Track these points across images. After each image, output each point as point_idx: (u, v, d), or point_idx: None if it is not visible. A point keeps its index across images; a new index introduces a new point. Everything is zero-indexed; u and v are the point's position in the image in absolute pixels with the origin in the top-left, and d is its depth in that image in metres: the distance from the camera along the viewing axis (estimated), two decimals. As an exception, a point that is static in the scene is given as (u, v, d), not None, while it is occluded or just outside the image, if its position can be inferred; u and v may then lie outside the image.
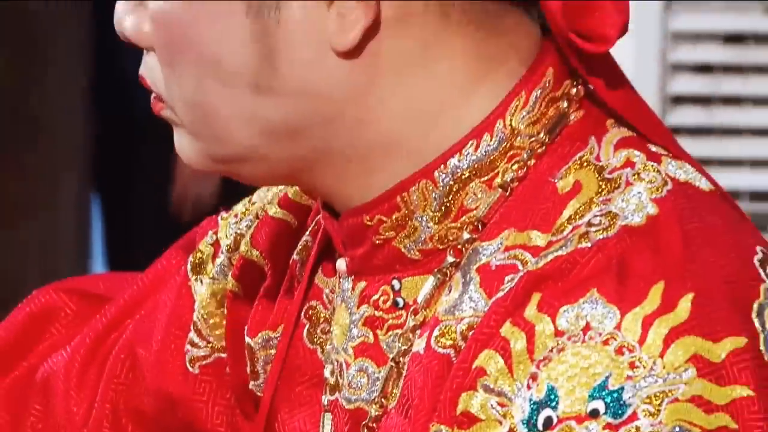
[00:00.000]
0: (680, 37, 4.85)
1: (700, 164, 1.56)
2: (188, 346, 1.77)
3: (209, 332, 1.78)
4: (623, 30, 1.47)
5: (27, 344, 1.94)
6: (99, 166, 6.31)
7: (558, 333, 1.37)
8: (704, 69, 4.88)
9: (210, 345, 1.77)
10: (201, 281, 1.78)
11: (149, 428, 1.84)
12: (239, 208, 1.76)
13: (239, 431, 1.78)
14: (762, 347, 1.36)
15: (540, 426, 1.34)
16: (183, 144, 1.54)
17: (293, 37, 1.48)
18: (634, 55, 4.58)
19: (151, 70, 1.53)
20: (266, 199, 1.75)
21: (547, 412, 1.35)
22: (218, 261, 1.76)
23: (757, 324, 1.37)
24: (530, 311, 1.39)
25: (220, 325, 1.77)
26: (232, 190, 3.64)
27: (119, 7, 1.53)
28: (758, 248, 1.41)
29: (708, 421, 1.32)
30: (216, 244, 1.77)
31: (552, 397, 1.36)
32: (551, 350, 1.37)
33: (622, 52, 4.32)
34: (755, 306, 1.38)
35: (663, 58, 4.80)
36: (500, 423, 1.36)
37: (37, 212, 5.57)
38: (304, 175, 1.55)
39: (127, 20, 1.51)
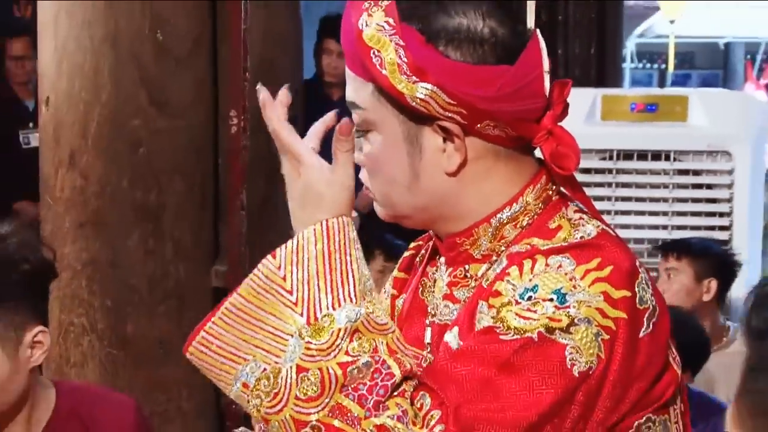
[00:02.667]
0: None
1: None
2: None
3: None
4: (577, 165, 1.59)
5: None
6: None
7: (547, 265, 1.52)
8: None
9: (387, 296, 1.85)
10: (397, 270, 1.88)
11: None
12: (412, 245, 1.86)
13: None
14: (636, 301, 1.51)
15: (525, 299, 1.49)
16: (378, 208, 1.67)
17: (426, 165, 1.59)
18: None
19: (365, 177, 1.65)
20: (403, 255, 1.86)
21: (530, 293, 1.50)
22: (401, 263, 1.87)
23: (636, 290, 1.51)
24: (536, 256, 1.53)
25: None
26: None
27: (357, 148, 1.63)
28: (638, 260, 1.56)
29: (602, 321, 1.48)
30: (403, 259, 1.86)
31: (535, 288, 1.50)
32: (541, 272, 1.51)
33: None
34: (636, 282, 1.52)
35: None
36: (510, 295, 1.50)
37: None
38: (431, 225, 1.69)
39: (358, 155, 1.61)
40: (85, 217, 3.33)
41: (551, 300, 1.47)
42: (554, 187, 1.63)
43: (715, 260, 4.24)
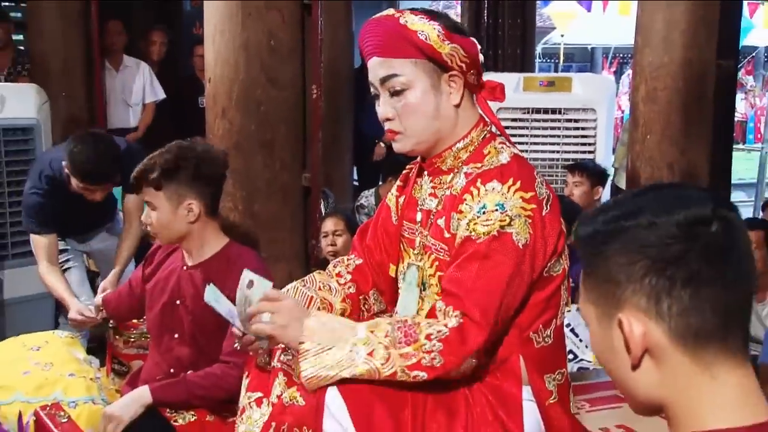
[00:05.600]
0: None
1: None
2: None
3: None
4: (504, 97, 1.53)
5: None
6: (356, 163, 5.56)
7: (486, 190, 1.42)
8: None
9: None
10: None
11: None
12: (408, 166, 1.68)
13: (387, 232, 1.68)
14: (537, 194, 1.42)
15: (481, 213, 1.40)
16: (403, 141, 1.52)
17: (443, 101, 1.50)
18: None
19: (392, 122, 1.51)
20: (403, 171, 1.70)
21: (483, 209, 1.40)
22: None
23: (536, 189, 1.43)
24: (478, 183, 1.43)
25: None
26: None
27: (384, 107, 1.51)
28: (536, 170, 1.42)
29: (525, 213, 1.40)
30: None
31: (485, 206, 1.41)
32: (483, 194, 1.42)
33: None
34: (535, 184, 1.44)
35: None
36: (469, 212, 1.42)
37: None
38: (431, 148, 1.54)
39: (389, 111, 1.51)
40: (231, 146, 3.17)
41: (496, 210, 1.40)
42: (487, 128, 1.55)
43: (600, 175, 4.06)
